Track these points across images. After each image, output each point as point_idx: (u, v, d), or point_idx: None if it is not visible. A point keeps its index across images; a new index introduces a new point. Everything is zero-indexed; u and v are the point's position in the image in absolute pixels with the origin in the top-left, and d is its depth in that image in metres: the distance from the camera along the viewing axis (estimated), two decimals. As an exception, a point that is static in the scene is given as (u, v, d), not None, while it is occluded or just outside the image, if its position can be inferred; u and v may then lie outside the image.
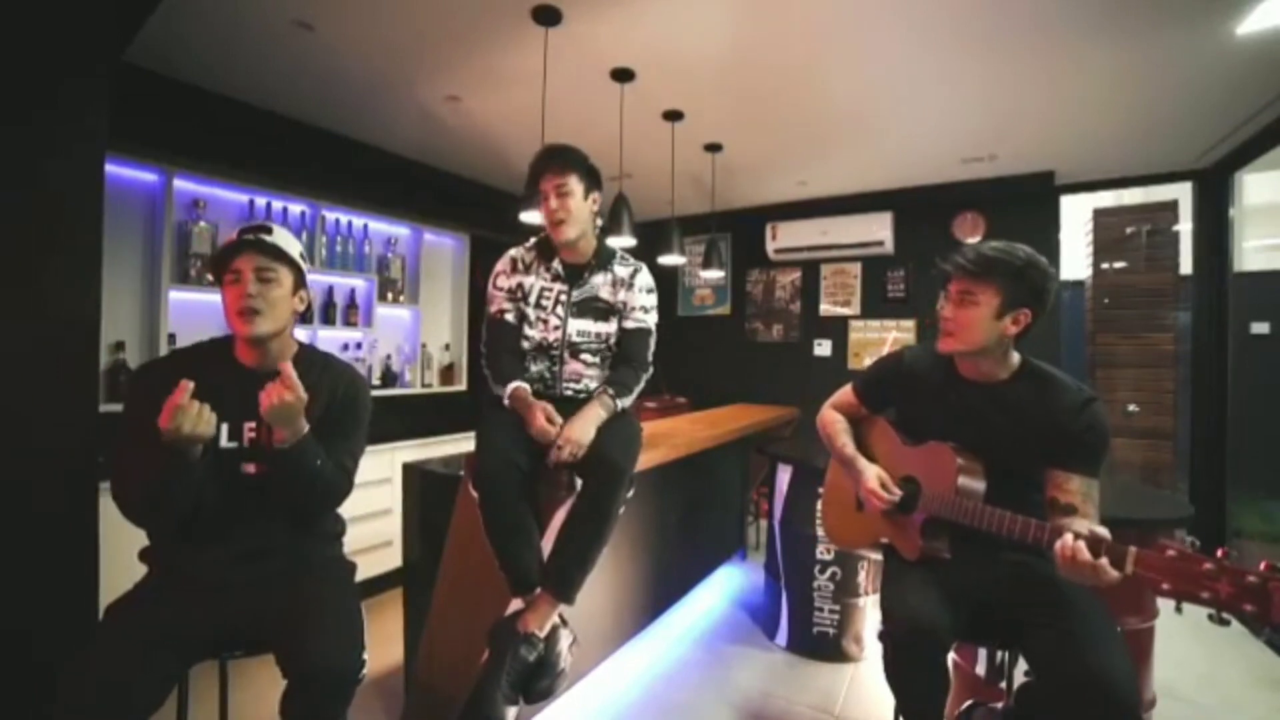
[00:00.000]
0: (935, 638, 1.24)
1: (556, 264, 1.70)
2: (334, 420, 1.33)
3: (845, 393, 1.68)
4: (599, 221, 1.72)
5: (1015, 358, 1.37)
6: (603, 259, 1.72)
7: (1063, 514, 1.22)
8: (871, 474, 1.48)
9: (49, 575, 1.52)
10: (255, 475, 1.26)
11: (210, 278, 2.02)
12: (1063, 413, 1.27)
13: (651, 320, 1.74)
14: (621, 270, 1.73)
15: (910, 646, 1.26)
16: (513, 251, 1.75)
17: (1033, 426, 1.30)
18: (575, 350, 1.68)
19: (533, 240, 1.76)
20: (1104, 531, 1.09)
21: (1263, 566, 0.90)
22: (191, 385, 1.09)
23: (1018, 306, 1.29)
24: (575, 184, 1.61)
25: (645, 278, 1.75)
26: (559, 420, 1.50)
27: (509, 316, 1.70)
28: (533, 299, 1.69)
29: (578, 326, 1.68)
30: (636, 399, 1.69)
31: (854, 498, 1.60)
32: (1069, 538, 1.07)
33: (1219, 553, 0.94)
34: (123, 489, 1.18)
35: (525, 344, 1.69)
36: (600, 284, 1.71)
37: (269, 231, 1.29)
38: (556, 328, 1.67)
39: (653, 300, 1.76)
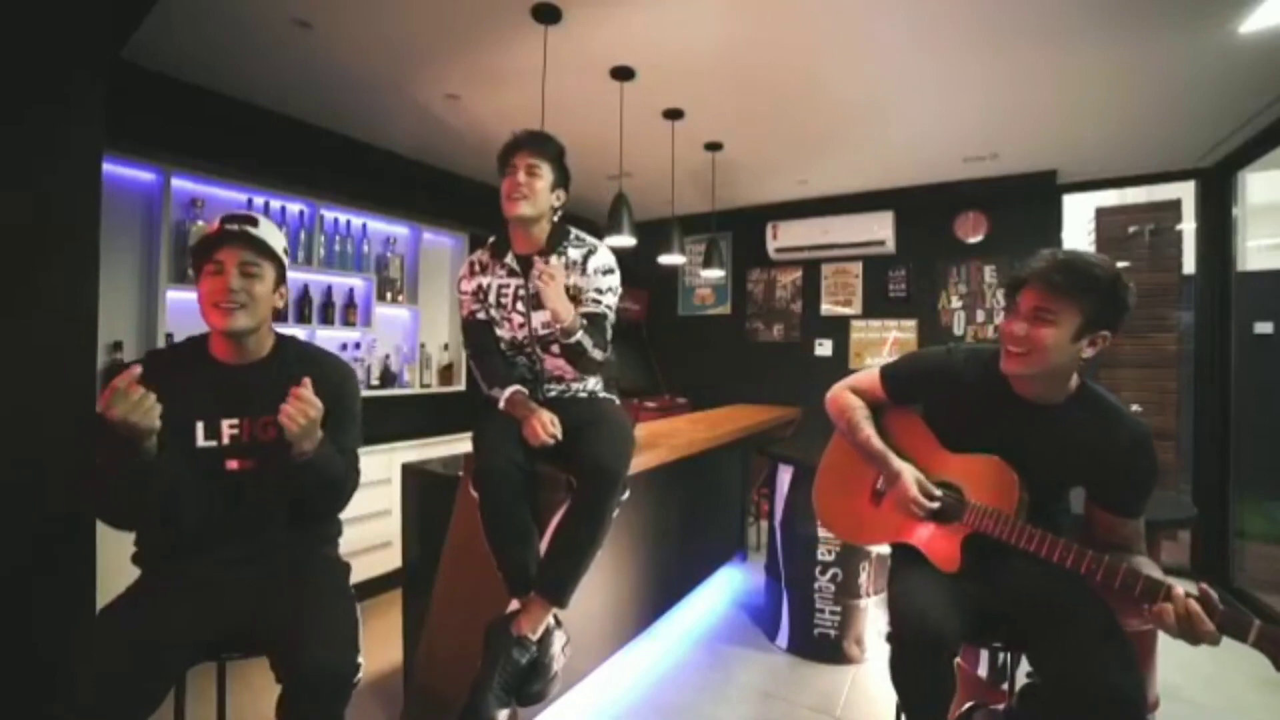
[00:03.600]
0: (944, 641, 1.22)
1: (510, 259, 1.64)
2: (329, 416, 1.32)
3: (869, 379, 1.53)
4: (556, 218, 1.65)
5: (1074, 380, 1.26)
6: (554, 242, 1.62)
7: (1116, 550, 1.20)
8: (910, 478, 1.38)
9: (48, 575, 1.52)
10: (240, 471, 1.25)
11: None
12: (1118, 451, 1.20)
13: (609, 302, 1.64)
14: (575, 252, 1.63)
15: (919, 648, 1.24)
16: (472, 255, 1.73)
17: (1080, 455, 1.24)
18: (545, 343, 1.63)
19: (489, 240, 1.71)
20: (1210, 591, 1.04)
21: None
22: (138, 371, 1.05)
23: (1098, 328, 1.16)
24: (547, 171, 1.57)
25: (601, 258, 1.63)
26: (557, 430, 1.48)
27: (480, 315, 1.68)
28: (492, 298, 1.66)
29: (541, 318, 1.59)
30: (628, 398, 1.68)
31: (869, 489, 1.52)
32: (1179, 598, 1.03)
33: None
34: (91, 487, 1.17)
35: (501, 345, 1.67)
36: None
37: (255, 224, 1.25)
38: (521, 324, 1.63)
39: (609, 281, 1.64)
